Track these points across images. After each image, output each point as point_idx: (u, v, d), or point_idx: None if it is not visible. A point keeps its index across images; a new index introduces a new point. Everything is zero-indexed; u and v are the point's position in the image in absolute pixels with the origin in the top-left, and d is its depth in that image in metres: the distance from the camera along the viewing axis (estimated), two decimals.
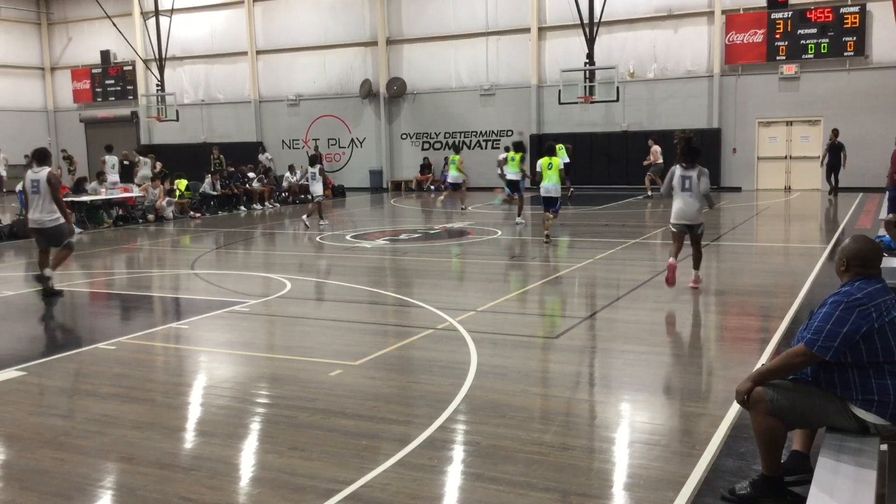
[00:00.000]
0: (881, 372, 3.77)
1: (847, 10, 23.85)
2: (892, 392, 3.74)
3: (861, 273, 3.90)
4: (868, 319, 3.74)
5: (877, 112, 23.69)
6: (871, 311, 3.75)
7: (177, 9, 31.50)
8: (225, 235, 17.59)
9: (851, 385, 3.82)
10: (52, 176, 10.12)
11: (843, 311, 3.77)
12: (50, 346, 7.84)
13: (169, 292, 11.22)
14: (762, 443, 4.00)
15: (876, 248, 3.99)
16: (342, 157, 32.33)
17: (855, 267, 3.91)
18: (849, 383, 3.83)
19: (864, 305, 3.76)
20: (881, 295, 3.82)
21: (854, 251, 3.93)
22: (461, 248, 14.30)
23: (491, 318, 8.48)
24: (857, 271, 3.91)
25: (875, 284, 3.86)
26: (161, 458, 4.81)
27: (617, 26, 26.61)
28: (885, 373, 3.76)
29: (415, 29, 30.17)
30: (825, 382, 3.90)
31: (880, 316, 3.76)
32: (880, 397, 3.75)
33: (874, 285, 3.85)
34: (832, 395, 3.87)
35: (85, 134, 37.28)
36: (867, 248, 3.94)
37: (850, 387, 3.82)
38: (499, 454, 4.73)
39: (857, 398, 3.80)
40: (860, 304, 3.76)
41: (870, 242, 4.00)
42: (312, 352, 7.35)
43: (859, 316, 3.74)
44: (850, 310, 3.76)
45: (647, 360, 6.79)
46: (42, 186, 10.01)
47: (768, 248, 14.13)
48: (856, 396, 3.80)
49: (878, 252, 3.98)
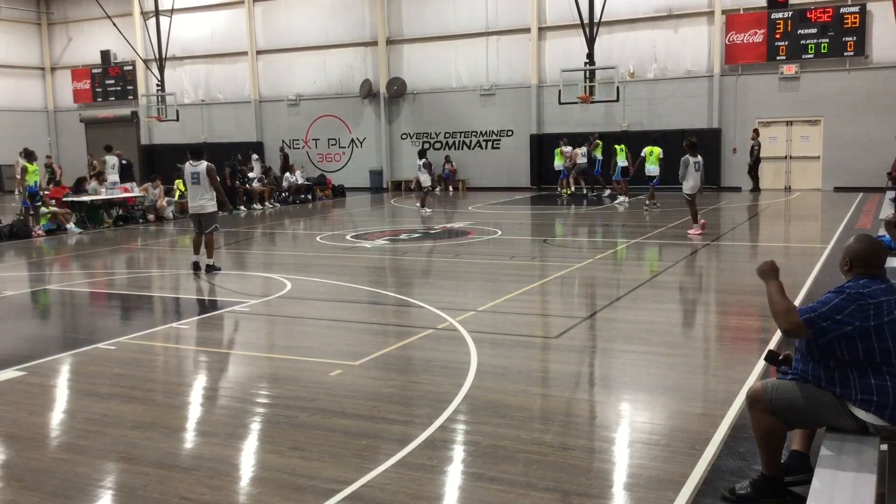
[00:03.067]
0: (880, 373, 3.77)
1: (847, 10, 23.85)
2: (891, 393, 3.74)
3: (864, 273, 3.91)
4: (864, 315, 3.75)
5: (877, 112, 23.69)
6: (869, 308, 3.76)
7: (177, 9, 31.49)
8: (225, 235, 17.58)
9: (850, 385, 3.82)
10: (210, 168, 11.75)
11: (842, 299, 3.80)
12: (50, 346, 7.84)
13: (169, 292, 11.23)
14: (762, 442, 4.01)
15: (880, 248, 3.99)
16: (342, 157, 32.33)
17: (858, 267, 3.92)
18: (848, 383, 3.83)
19: (864, 301, 3.77)
20: (884, 295, 3.82)
21: (857, 251, 3.94)
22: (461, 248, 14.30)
23: (491, 318, 8.48)
24: (860, 271, 3.92)
25: (879, 284, 3.87)
26: (161, 458, 4.81)
27: (617, 26, 26.61)
28: (885, 374, 3.76)
29: (415, 29, 30.17)
30: (825, 382, 3.90)
31: (879, 315, 3.76)
32: (879, 398, 3.75)
33: (878, 285, 3.86)
34: (831, 394, 3.87)
35: (85, 134, 37.27)
36: (871, 249, 3.95)
37: (849, 386, 3.82)
38: (499, 454, 4.73)
39: (855, 398, 3.80)
40: (860, 299, 3.78)
41: (873, 242, 4.00)
42: (312, 352, 7.35)
43: (857, 309, 3.76)
44: (850, 300, 3.78)
45: (647, 360, 6.79)
46: (202, 177, 11.71)
47: (768, 248, 14.13)
48: (854, 396, 3.80)
49: (881, 252, 3.98)
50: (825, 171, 24.97)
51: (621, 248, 13.61)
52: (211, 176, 11.75)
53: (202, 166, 11.73)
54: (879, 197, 20.54)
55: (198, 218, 11.99)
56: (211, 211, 11.85)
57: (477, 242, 14.86)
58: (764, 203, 21.50)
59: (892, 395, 3.74)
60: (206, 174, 11.70)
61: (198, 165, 11.75)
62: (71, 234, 18.02)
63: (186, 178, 12.00)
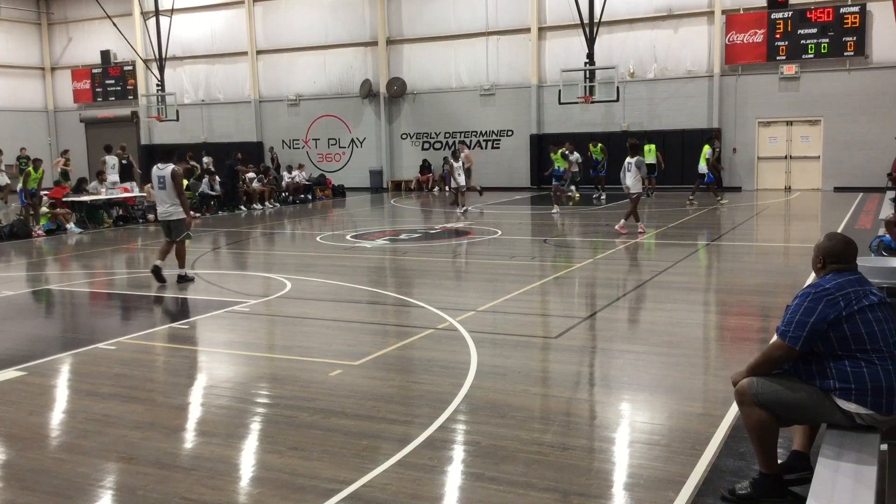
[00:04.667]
0: (855, 360, 3.81)
1: (847, 10, 23.85)
2: (868, 379, 3.77)
3: (836, 269, 4.00)
4: (836, 307, 3.82)
5: (877, 112, 23.69)
6: (838, 300, 3.83)
7: (177, 9, 31.49)
8: (225, 235, 17.59)
9: (828, 375, 3.86)
10: (176, 172, 10.82)
11: (810, 301, 3.88)
12: (50, 346, 7.83)
13: (169, 292, 11.22)
14: (755, 437, 4.03)
15: (850, 243, 4.09)
16: (342, 156, 32.33)
17: (830, 263, 4.03)
18: (826, 373, 3.87)
19: (832, 295, 3.85)
20: (852, 285, 3.90)
21: (828, 248, 4.05)
22: (461, 248, 14.30)
23: (491, 318, 8.48)
24: (833, 267, 4.02)
25: (847, 276, 3.95)
26: (161, 458, 4.81)
27: (617, 26, 26.61)
28: (860, 361, 3.80)
29: (415, 29, 30.17)
30: (805, 374, 3.95)
31: (849, 304, 3.83)
32: (857, 385, 3.79)
33: (846, 276, 3.95)
34: (812, 386, 3.91)
35: (85, 134, 37.27)
36: (841, 245, 4.05)
37: (828, 376, 3.86)
38: (499, 454, 4.73)
39: (835, 388, 3.84)
40: (827, 294, 3.86)
41: (843, 239, 4.10)
42: (312, 352, 7.35)
43: (826, 305, 3.83)
44: (817, 300, 3.86)
45: (647, 360, 6.79)
46: (168, 181, 10.75)
47: (768, 248, 14.13)
48: (834, 386, 3.84)
49: (851, 248, 4.07)
50: (825, 171, 24.97)
51: (621, 248, 13.60)
52: (176, 181, 10.80)
53: (168, 170, 10.80)
54: (879, 197, 20.55)
55: (166, 225, 11.07)
56: (178, 218, 10.90)
57: (477, 242, 14.86)
58: (764, 203, 21.50)
59: (870, 380, 3.77)
60: (171, 178, 10.77)
61: (164, 169, 10.82)
62: (71, 234, 18.02)
63: (153, 183, 11.10)
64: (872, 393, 3.76)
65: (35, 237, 17.41)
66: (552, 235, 15.92)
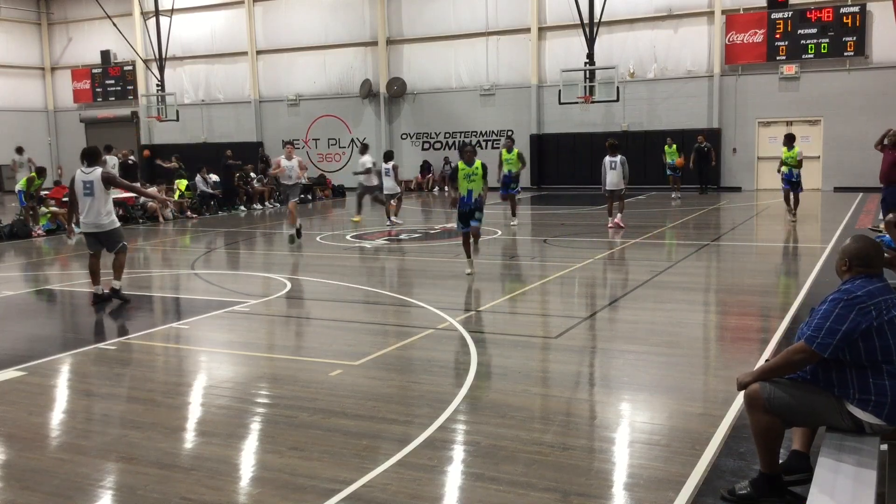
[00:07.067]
0: (879, 372, 3.76)
1: (847, 10, 23.85)
2: (889, 393, 3.74)
3: (862, 272, 3.90)
4: (868, 317, 3.73)
5: (877, 112, 23.66)
6: (870, 309, 3.75)
7: (177, 9, 31.50)
8: (225, 235, 17.58)
9: (849, 384, 3.82)
10: (108, 175, 9.62)
11: (842, 308, 3.77)
12: (50, 346, 7.83)
13: (169, 292, 11.22)
14: (760, 440, 4.01)
15: (877, 247, 4.00)
16: (342, 156, 32.33)
17: (857, 266, 3.92)
18: (846, 382, 3.83)
19: (864, 303, 3.76)
20: (882, 293, 3.82)
21: (855, 251, 3.94)
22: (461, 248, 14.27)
23: (491, 318, 8.48)
24: (858, 270, 3.91)
25: (876, 283, 3.86)
26: (161, 458, 4.81)
27: (617, 26, 26.60)
28: (884, 373, 3.76)
29: (415, 29, 30.17)
30: (823, 381, 3.90)
31: (879, 314, 3.75)
32: (877, 397, 3.75)
33: (875, 284, 3.85)
34: (829, 393, 3.88)
35: (85, 134, 37.26)
36: (869, 248, 3.95)
37: (848, 386, 3.82)
38: (499, 454, 4.73)
39: (854, 397, 3.80)
40: (860, 302, 3.76)
41: (871, 242, 4.01)
42: (312, 352, 7.35)
43: (858, 314, 3.74)
44: (849, 307, 3.76)
45: (647, 360, 6.78)
46: (96, 187, 9.45)
47: (768, 248, 14.13)
48: (853, 395, 3.80)
49: (879, 251, 3.98)
50: (825, 171, 24.95)
51: (620, 248, 13.60)
52: (112, 183, 9.65)
53: (96, 173, 9.49)
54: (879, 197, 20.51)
55: (94, 237, 9.68)
56: (110, 228, 9.64)
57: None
58: (764, 203, 21.49)
59: (891, 394, 3.74)
60: (101, 183, 9.45)
61: (90, 173, 9.51)
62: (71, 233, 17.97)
63: (78, 189, 9.55)
64: (891, 406, 3.73)
65: (35, 237, 17.41)
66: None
